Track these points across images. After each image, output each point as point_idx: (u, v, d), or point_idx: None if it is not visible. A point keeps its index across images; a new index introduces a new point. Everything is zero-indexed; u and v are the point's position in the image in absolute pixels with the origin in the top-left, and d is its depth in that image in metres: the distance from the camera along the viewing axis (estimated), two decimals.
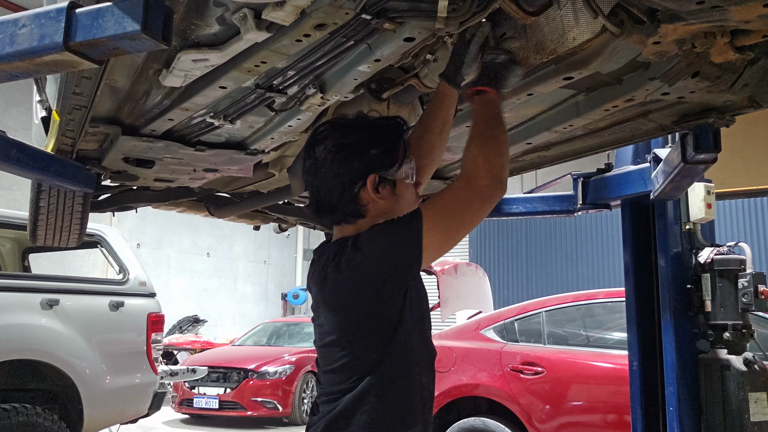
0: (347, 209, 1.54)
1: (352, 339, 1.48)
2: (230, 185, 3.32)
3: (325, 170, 1.54)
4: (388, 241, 1.46)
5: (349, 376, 1.47)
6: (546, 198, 3.86)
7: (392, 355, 1.46)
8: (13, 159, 2.32)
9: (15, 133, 2.49)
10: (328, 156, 1.54)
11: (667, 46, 1.69)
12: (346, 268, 1.46)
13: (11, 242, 5.71)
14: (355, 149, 1.53)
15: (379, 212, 1.54)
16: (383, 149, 1.55)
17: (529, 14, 1.62)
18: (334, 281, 1.49)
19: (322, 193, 1.56)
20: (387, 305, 1.46)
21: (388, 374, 1.46)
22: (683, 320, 3.26)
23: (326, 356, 1.54)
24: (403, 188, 1.58)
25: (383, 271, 1.45)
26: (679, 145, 2.48)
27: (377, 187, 1.53)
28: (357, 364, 1.47)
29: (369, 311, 1.46)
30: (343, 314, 1.50)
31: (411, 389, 1.50)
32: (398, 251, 1.45)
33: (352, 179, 1.52)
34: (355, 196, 1.53)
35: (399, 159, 1.56)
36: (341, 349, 1.49)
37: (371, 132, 1.58)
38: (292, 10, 1.47)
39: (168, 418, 9.29)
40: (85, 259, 11.85)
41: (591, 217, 12.03)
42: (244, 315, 16.08)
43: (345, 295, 1.48)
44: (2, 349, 4.03)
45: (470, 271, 7.24)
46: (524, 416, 4.47)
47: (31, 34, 1.34)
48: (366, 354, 1.47)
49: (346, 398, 1.46)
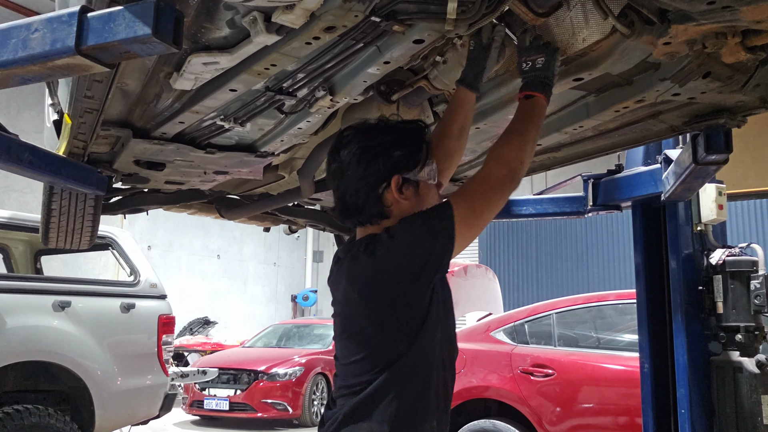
0: (372, 210, 1.58)
1: (377, 330, 1.50)
2: (240, 187, 3.33)
3: (350, 173, 1.58)
4: (424, 229, 1.49)
5: (371, 368, 1.48)
6: (556, 199, 3.85)
7: (416, 349, 1.48)
8: (26, 162, 2.34)
9: (27, 136, 2.51)
10: (354, 159, 1.57)
11: (678, 47, 1.69)
12: (383, 257, 1.49)
13: (24, 244, 5.75)
14: (380, 151, 1.57)
15: (402, 213, 1.57)
16: (406, 151, 1.58)
17: (538, 15, 1.62)
18: (368, 268, 1.51)
19: (348, 196, 1.59)
20: (417, 297, 1.49)
21: (409, 368, 1.48)
22: (695, 322, 3.24)
23: (348, 347, 1.55)
24: (425, 189, 1.61)
25: (421, 258, 1.47)
26: (690, 146, 2.47)
27: (401, 188, 1.57)
28: (380, 356, 1.48)
29: (400, 301, 1.48)
30: (373, 303, 1.51)
31: (431, 384, 1.52)
32: (434, 238, 1.48)
33: (377, 180, 1.56)
34: (379, 197, 1.56)
35: (422, 160, 1.60)
36: (364, 341, 1.51)
37: (394, 134, 1.61)
38: (301, 13, 1.48)
39: (179, 419, 9.32)
40: (97, 261, 11.92)
41: (601, 218, 11.98)
42: (254, 317, 16.12)
43: (379, 283, 1.50)
44: (15, 350, 4.06)
45: (480, 273, 7.24)
46: (534, 418, 4.46)
47: (44, 38, 1.35)
48: (390, 346, 1.48)
49: (367, 390, 1.47)
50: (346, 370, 1.54)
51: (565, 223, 12.73)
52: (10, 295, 4.15)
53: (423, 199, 1.60)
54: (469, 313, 7.06)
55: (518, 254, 13.75)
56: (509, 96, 2.14)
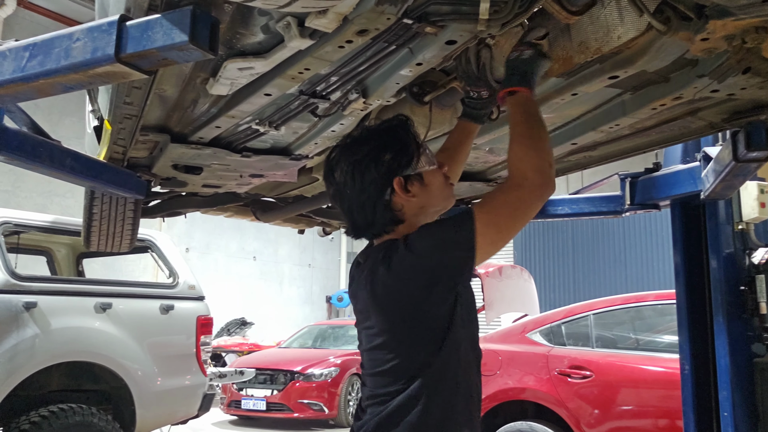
0: (384, 219, 1.56)
1: (402, 340, 1.48)
2: (275, 190, 3.36)
3: (350, 191, 1.56)
4: (441, 240, 1.46)
5: (398, 378, 1.46)
6: (593, 199, 3.80)
7: (442, 356, 1.45)
8: (68, 167, 2.40)
9: (69, 142, 2.58)
10: (347, 177, 1.56)
11: (716, 43, 1.65)
12: (398, 268, 1.46)
13: (66, 248, 5.89)
14: (369, 161, 1.55)
15: (415, 209, 1.57)
16: (395, 150, 1.56)
17: (572, 14, 1.60)
18: (385, 281, 1.48)
19: (355, 214, 1.58)
20: (438, 305, 1.45)
21: (437, 375, 1.45)
22: (737, 323, 3.17)
23: (374, 359, 1.53)
24: (429, 176, 1.59)
25: (436, 271, 1.44)
26: (730, 143, 2.42)
27: (406, 187, 1.55)
28: (407, 366, 1.46)
29: (420, 311, 1.46)
30: (393, 314, 1.49)
31: (459, 390, 1.49)
32: (451, 250, 1.45)
33: (378, 189, 1.54)
34: (387, 204, 1.55)
35: (414, 152, 1.58)
36: (390, 351, 1.48)
37: (378, 140, 1.59)
38: (334, 17, 1.49)
39: (217, 419, 9.45)
40: (136, 264, 12.15)
41: (639, 217, 11.78)
42: (289, 318, 16.26)
43: (397, 295, 1.47)
44: (59, 351, 4.17)
45: (515, 274, 7.18)
46: (572, 420, 4.41)
47: (85, 47, 1.39)
48: (416, 355, 1.46)
49: (396, 400, 1.45)
50: (373, 381, 1.53)
51: (603, 222, 12.54)
52: (54, 297, 4.26)
53: (430, 187, 1.59)
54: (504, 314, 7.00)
55: (554, 254, 13.59)
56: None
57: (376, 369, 1.52)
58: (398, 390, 1.46)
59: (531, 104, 1.67)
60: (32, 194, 10.97)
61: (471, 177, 3.14)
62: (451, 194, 1.67)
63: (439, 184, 1.61)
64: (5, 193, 10.61)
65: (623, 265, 12.56)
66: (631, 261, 12.50)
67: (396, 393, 1.46)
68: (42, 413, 3.97)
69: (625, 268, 12.50)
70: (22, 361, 3.90)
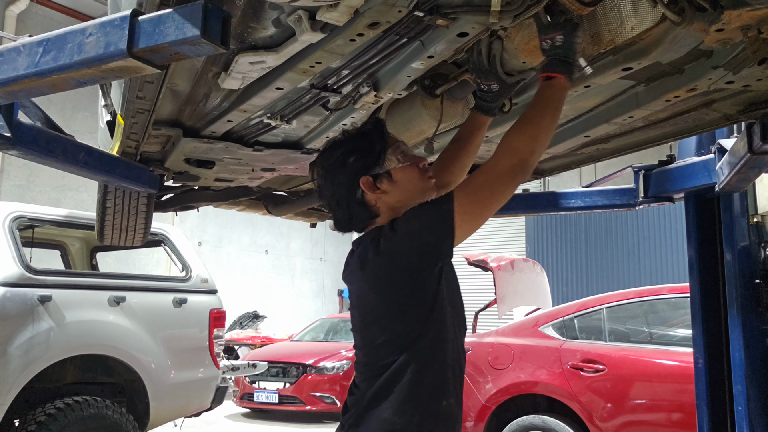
0: (360, 215, 1.68)
1: (393, 317, 1.57)
2: (287, 184, 3.37)
3: (326, 192, 1.72)
4: (423, 221, 1.55)
5: (390, 352, 1.56)
6: (606, 191, 3.78)
7: (430, 330, 1.55)
8: (82, 162, 2.42)
9: (82, 136, 2.60)
10: (322, 180, 1.71)
11: (731, 33, 1.63)
12: (385, 250, 1.56)
13: (80, 242, 5.93)
14: (337, 165, 1.67)
15: (391, 204, 1.66)
16: (360, 153, 1.66)
17: (585, 5, 1.59)
18: (375, 263, 1.58)
19: (335, 212, 1.72)
20: (425, 282, 1.55)
21: (425, 348, 1.55)
22: (752, 317, 3.14)
23: (366, 336, 1.63)
24: (399, 173, 1.67)
25: (420, 249, 1.54)
26: (745, 135, 2.39)
27: (375, 185, 1.65)
28: (397, 340, 1.56)
29: (409, 289, 1.55)
30: (385, 294, 1.58)
31: (446, 363, 1.59)
32: (432, 230, 1.54)
33: (347, 190, 1.66)
34: (360, 202, 1.66)
35: (378, 153, 1.66)
36: (381, 327, 1.58)
37: (347, 144, 1.70)
38: (345, 11, 1.49)
39: (230, 412, 9.51)
40: (149, 258, 12.23)
41: (653, 210, 11.69)
42: (301, 311, 16.31)
43: (386, 275, 1.57)
44: (74, 344, 4.20)
45: (527, 267, 7.14)
46: (585, 414, 4.40)
47: (98, 42, 1.40)
48: (406, 330, 1.55)
49: (389, 371, 1.55)
50: (366, 356, 1.62)
51: (616, 215, 12.46)
52: (69, 291, 4.29)
53: (403, 183, 1.67)
54: (516, 308, 6.98)
55: (567, 248, 13.52)
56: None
57: (371, 344, 1.61)
58: (390, 362, 1.55)
59: (559, 94, 1.65)
60: (46, 188, 11.06)
61: None
62: (429, 186, 1.72)
63: (411, 179, 1.68)
64: (20, 187, 10.70)
65: (636, 259, 12.48)
66: (644, 254, 12.41)
67: (387, 366, 1.55)
68: (57, 405, 4.01)
69: (639, 262, 12.41)
70: (37, 354, 3.94)
